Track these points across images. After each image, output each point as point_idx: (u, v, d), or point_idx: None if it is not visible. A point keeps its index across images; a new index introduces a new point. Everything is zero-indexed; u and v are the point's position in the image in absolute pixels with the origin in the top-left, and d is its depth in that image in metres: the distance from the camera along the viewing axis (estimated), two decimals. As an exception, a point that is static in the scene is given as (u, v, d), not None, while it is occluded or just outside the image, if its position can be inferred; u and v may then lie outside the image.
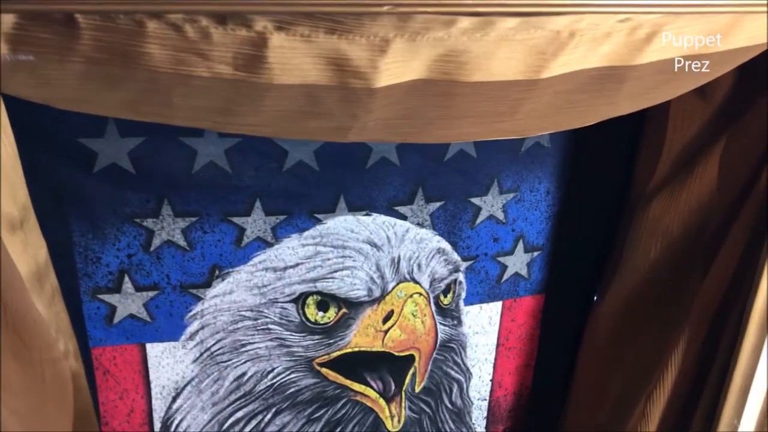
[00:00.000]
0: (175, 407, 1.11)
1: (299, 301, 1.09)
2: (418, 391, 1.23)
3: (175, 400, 1.11)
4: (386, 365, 1.17)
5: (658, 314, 1.08)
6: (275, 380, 1.13)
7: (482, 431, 1.37)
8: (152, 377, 1.08)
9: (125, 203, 0.95)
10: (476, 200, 1.13)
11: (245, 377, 1.12)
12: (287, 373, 1.13)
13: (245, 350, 1.10)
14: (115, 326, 1.02)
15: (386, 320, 1.13)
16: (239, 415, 1.15)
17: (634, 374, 1.16)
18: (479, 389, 1.32)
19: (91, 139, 0.89)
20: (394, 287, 1.12)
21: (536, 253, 1.22)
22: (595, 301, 1.24)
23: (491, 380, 1.32)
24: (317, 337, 1.12)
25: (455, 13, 0.67)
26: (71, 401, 0.84)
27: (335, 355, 1.13)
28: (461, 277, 1.20)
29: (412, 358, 1.17)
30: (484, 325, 1.26)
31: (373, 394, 1.19)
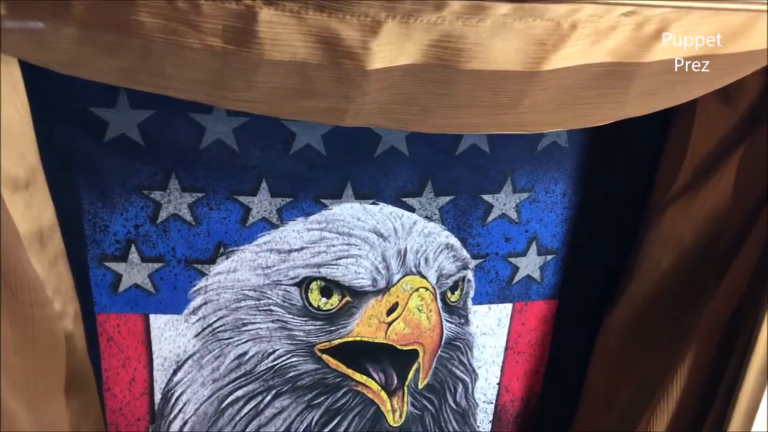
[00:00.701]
0: (175, 380, 1.13)
1: (303, 285, 1.09)
2: (421, 387, 1.22)
3: (176, 372, 1.13)
4: (389, 358, 1.17)
5: (667, 326, 1.04)
6: (276, 362, 1.14)
7: (487, 435, 1.35)
8: (154, 348, 1.10)
9: (134, 174, 0.97)
10: (488, 197, 1.11)
11: (246, 356, 1.13)
12: (288, 356, 1.14)
13: (247, 329, 1.11)
14: (120, 294, 1.04)
15: (390, 312, 1.12)
16: (239, 393, 1.16)
17: (641, 387, 1.12)
18: (485, 392, 1.30)
19: (102, 109, 0.92)
20: (399, 279, 1.11)
21: (550, 256, 1.20)
22: (607, 310, 1.20)
23: (498, 384, 1.30)
24: (319, 322, 1.12)
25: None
26: (63, 360, 0.87)
27: (337, 342, 1.13)
28: (470, 275, 1.18)
29: (415, 353, 1.16)
30: (492, 326, 1.24)
31: (374, 386, 1.18)
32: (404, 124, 0.85)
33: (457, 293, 1.18)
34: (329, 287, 1.10)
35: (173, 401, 1.15)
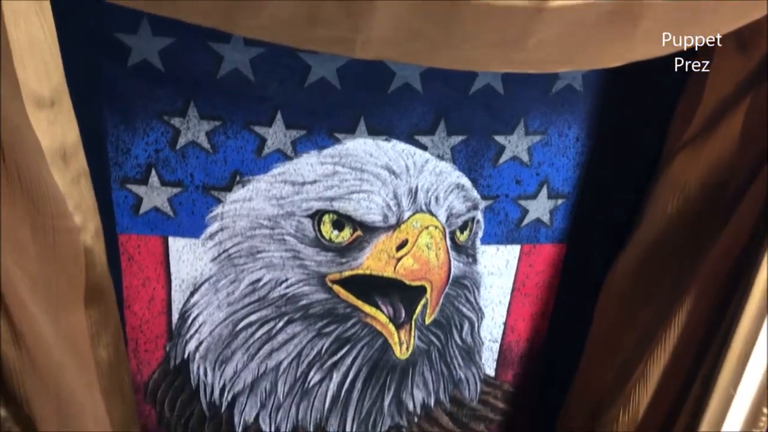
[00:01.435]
0: (192, 301, 1.19)
1: (315, 217, 1.13)
2: (428, 323, 1.26)
3: (193, 294, 1.18)
4: (398, 292, 1.20)
5: (669, 274, 1.06)
6: (288, 290, 1.19)
7: (492, 373, 1.38)
8: (173, 270, 1.15)
9: (154, 100, 1.01)
10: (500, 138, 1.12)
11: (260, 283, 1.18)
12: (300, 284, 1.18)
13: (261, 257, 1.16)
14: (140, 216, 1.09)
15: (400, 248, 1.15)
16: (252, 318, 1.21)
17: (642, 333, 1.14)
18: (491, 330, 1.33)
19: (125, 34, 0.95)
20: (410, 217, 1.14)
21: (560, 200, 1.21)
22: (617, 255, 1.21)
23: (504, 323, 1.33)
24: (330, 254, 1.16)
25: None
26: (83, 272, 0.92)
27: (347, 274, 1.17)
28: (479, 215, 1.20)
29: (423, 289, 1.19)
30: (500, 266, 1.26)
31: (383, 318, 1.22)
32: (415, 57, 0.86)
33: (466, 233, 1.20)
34: (341, 221, 1.13)
35: (190, 322, 1.21)
